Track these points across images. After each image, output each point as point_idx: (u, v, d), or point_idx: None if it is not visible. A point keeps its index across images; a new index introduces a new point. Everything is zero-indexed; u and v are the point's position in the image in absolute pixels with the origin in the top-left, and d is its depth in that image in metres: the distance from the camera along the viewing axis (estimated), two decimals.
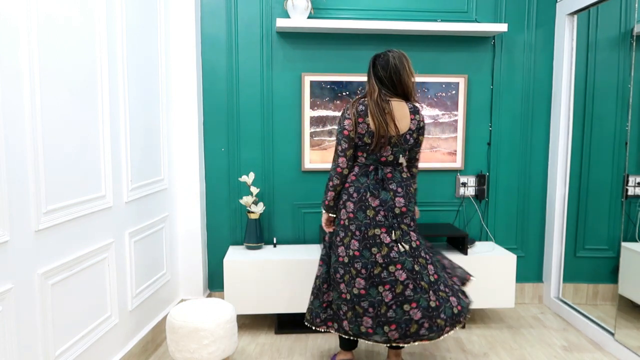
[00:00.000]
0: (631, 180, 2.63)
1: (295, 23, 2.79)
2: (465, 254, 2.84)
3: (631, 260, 2.60)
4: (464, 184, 3.14)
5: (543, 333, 2.83)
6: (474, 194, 3.16)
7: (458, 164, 3.12)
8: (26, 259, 1.59)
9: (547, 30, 3.08)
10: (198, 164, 2.90)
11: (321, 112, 3.02)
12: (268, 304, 2.75)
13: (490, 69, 3.09)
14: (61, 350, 1.77)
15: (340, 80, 3.00)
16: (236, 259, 2.75)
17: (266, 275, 2.72)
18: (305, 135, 3.02)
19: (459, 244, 2.91)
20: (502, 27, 2.88)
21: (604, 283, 3.03)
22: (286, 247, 3.00)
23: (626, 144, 2.60)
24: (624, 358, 2.46)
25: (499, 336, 2.79)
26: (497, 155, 3.15)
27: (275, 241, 3.02)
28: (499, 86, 3.10)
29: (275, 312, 2.78)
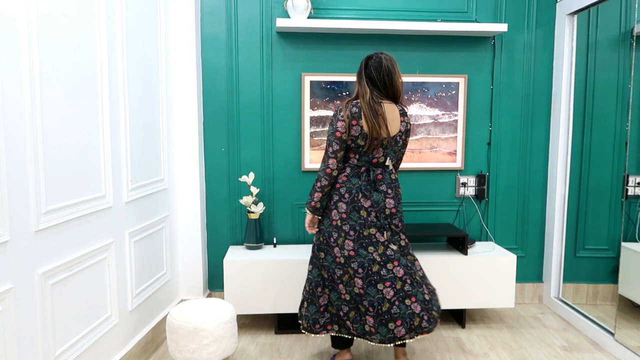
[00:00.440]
0: (631, 180, 2.63)
1: (295, 23, 2.80)
2: (466, 254, 2.84)
3: (631, 260, 2.60)
4: (464, 184, 3.14)
5: (543, 333, 2.83)
6: (474, 194, 3.16)
7: (458, 164, 3.12)
8: (26, 259, 1.59)
9: (547, 30, 3.08)
10: (198, 164, 2.90)
11: (321, 112, 3.02)
12: (268, 304, 2.75)
13: (490, 69, 3.09)
14: (61, 350, 1.77)
15: (340, 80, 2.99)
16: (236, 259, 2.75)
17: (266, 275, 2.73)
18: (305, 135, 3.02)
19: (459, 244, 2.91)
20: (502, 27, 2.88)
21: (604, 283, 3.03)
22: (286, 247, 3.00)
23: (626, 144, 2.60)
24: (624, 358, 2.46)
25: (499, 336, 2.79)
26: (497, 155, 3.15)
27: (275, 241, 3.02)
28: (499, 86, 3.10)
29: (275, 312, 2.78)
